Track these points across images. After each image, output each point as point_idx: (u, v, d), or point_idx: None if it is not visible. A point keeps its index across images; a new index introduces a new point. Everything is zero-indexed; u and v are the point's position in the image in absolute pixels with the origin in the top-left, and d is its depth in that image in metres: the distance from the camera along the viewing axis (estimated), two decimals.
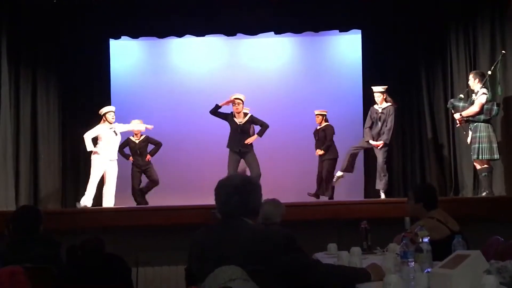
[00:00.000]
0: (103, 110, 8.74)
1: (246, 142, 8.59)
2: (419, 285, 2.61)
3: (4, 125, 8.48)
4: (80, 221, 7.32)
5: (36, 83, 9.29)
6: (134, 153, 9.39)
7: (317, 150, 9.23)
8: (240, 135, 8.62)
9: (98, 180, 8.65)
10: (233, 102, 8.60)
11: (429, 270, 2.91)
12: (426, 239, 3.20)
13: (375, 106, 8.81)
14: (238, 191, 2.93)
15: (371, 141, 8.69)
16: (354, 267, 3.31)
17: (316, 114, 9.38)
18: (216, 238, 2.88)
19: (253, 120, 8.76)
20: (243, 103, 8.64)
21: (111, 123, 8.70)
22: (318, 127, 9.35)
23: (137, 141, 9.41)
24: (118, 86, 10.38)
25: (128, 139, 9.42)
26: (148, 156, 9.35)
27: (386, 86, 8.84)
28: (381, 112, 8.71)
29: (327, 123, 9.31)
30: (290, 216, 6.44)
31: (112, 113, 8.74)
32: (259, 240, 2.81)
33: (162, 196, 9.31)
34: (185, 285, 3.53)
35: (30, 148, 9.10)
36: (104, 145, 8.64)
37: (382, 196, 8.60)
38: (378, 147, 8.64)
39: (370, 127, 8.76)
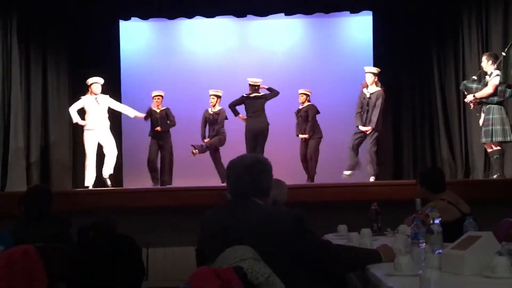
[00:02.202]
0: (89, 81, 8.76)
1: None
2: (429, 266, 2.60)
3: (15, 104, 8.53)
4: (90, 202, 7.35)
5: (46, 64, 9.32)
6: (155, 123, 9.30)
7: (301, 133, 9.11)
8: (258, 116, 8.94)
9: (92, 155, 8.67)
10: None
11: (440, 251, 2.91)
12: (437, 221, 3.19)
13: (364, 90, 8.74)
14: (249, 171, 2.93)
15: (360, 127, 8.66)
16: (365, 248, 3.31)
17: (300, 93, 9.20)
18: (227, 218, 2.88)
19: (265, 94, 9.02)
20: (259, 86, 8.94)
21: (95, 94, 8.70)
22: (300, 107, 9.21)
23: (158, 111, 9.38)
24: (128, 67, 10.38)
25: (150, 108, 9.37)
26: (159, 128, 9.24)
27: (379, 69, 8.79)
28: (369, 97, 8.65)
29: (310, 103, 9.16)
30: (300, 198, 6.48)
31: (98, 85, 8.72)
32: (270, 220, 2.81)
33: (173, 177, 9.33)
34: (196, 265, 3.54)
35: (41, 128, 9.14)
36: (89, 117, 8.68)
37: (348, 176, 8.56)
38: (367, 133, 8.60)
39: (360, 113, 8.71)
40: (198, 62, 10.67)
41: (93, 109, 8.69)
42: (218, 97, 9.26)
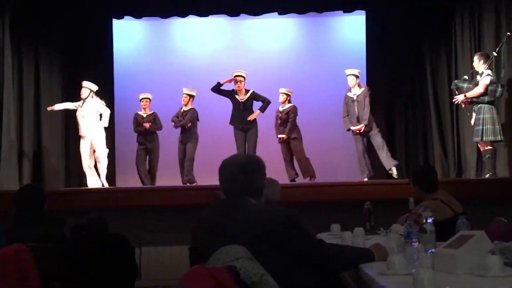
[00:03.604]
0: (82, 83, 8.71)
1: (248, 119, 8.70)
2: (422, 265, 2.61)
3: (7, 103, 8.49)
4: (83, 201, 7.34)
5: (39, 62, 9.29)
6: (141, 127, 9.29)
7: (280, 134, 8.95)
8: (243, 112, 8.77)
9: (85, 159, 8.60)
10: (234, 80, 8.72)
11: (432, 250, 2.92)
12: (430, 220, 3.20)
13: (348, 94, 8.78)
14: (243, 170, 2.93)
15: (352, 128, 8.68)
16: (358, 247, 3.32)
17: (281, 93, 9.00)
18: (220, 217, 2.88)
19: (255, 97, 8.87)
20: (244, 80, 8.76)
21: (82, 99, 8.62)
22: (281, 108, 9.03)
23: (144, 115, 9.37)
24: (121, 66, 10.36)
25: (136, 113, 9.38)
26: (147, 125, 9.22)
27: (360, 71, 8.85)
28: (356, 100, 8.67)
29: (291, 104, 9.01)
30: (293, 197, 6.49)
31: (85, 90, 8.60)
32: (264, 219, 2.81)
33: (166, 176, 9.33)
34: (189, 264, 3.54)
35: (33, 127, 9.11)
36: (80, 123, 8.64)
37: (395, 172, 8.59)
38: (360, 131, 8.62)
39: (348, 116, 8.75)
40: (191, 61, 10.66)
41: (80, 115, 8.64)
42: (191, 96, 9.25)
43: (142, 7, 9.87)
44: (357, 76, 8.75)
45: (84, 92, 8.63)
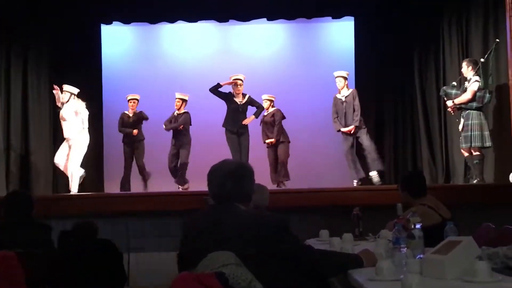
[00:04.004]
0: (63, 87, 8.54)
1: (243, 122, 8.71)
2: (411, 271, 2.61)
3: None
4: (71, 207, 7.29)
5: (26, 68, 9.26)
6: (129, 127, 9.29)
7: (268, 139, 9.01)
8: (240, 115, 8.77)
9: (57, 161, 8.44)
10: (235, 83, 8.74)
11: (421, 256, 2.92)
12: (418, 226, 3.21)
13: (337, 96, 8.81)
14: (232, 176, 2.93)
15: (342, 129, 8.71)
16: (346, 253, 3.32)
17: (264, 99, 9.13)
18: (209, 223, 2.88)
19: (251, 101, 8.89)
20: (243, 83, 8.78)
21: (64, 102, 8.46)
22: (266, 113, 9.12)
23: (131, 115, 9.36)
24: (110, 71, 10.33)
25: (123, 113, 9.37)
26: (135, 131, 9.23)
27: (348, 72, 8.89)
28: (345, 101, 8.71)
29: (275, 108, 9.12)
30: (282, 202, 6.48)
31: (65, 93, 8.42)
32: (252, 225, 2.81)
33: (156, 182, 9.30)
34: (177, 270, 3.53)
35: (21, 132, 9.06)
36: (62, 124, 8.51)
37: (376, 179, 8.60)
38: (351, 132, 8.65)
39: (337, 117, 8.77)
40: (180, 67, 10.66)
41: (62, 118, 8.49)
42: (184, 100, 9.27)
43: (131, 13, 9.86)
44: (345, 78, 8.79)
45: (64, 96, 8.45)
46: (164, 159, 9.27)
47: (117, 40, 10.71)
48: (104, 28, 10.24)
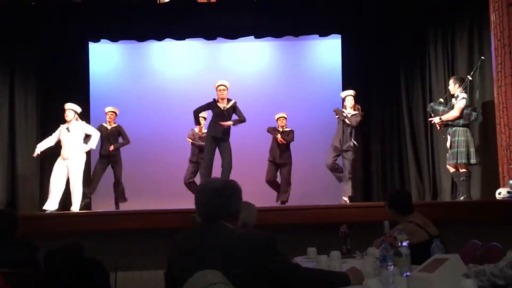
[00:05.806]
0: (65, 106, 8.44)
1: (221, 123, 8.39)
2: None
3: None
4: (57, 226, 7.23)
5: (14, 85, 9.25)
6: (105, 140, 9.12)
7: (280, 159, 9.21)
8: (225, 120, 8.47)
9: (55, 181, 8.18)
10: (217, 88, 8.54)
11: (408, 274, 2.92)
12: (405, 243, 3.21)
13: (345, 111, 8.80)
14: (219, 194, 2.92)
15: (335, 145, 8.73)
16: (333, 271, 3.31)
17: (281, 117, 9.41)
18: (196, 242, 2.87)
19: (235, 109, 8.63)
20: (227, 89, 8.58)
21: (67, 122, 8.37)
22: (281, 130, 9.34)
23: (109, 127, 9.23)
24: (98, 89, 10.34)
25: (101, 125, 9.20)
26: (112, 147, 9.07)
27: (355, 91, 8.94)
28: (348, 119, 8.72)
29: (290, 129, 9.38)
30: (269, 220, 6.47)
31: (69, 112, 8.35)
32: (240, 243, 2.80)
33: (141, 200, 9.28)
34: None
35: (8, 150, 9.02)
36: (62, 146, 8.32)
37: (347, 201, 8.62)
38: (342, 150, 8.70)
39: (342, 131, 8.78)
40: (168, 84, 10.68)
41: (64, 138, 8.30)
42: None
43: (119, 30, 9.89)
44: (354, 97, 8.81)
45: (68, 115, 8.34)
46: (146, 176, 9.20)
47: (105, 58, 10.73)
48: (92, 46, 10.26)
